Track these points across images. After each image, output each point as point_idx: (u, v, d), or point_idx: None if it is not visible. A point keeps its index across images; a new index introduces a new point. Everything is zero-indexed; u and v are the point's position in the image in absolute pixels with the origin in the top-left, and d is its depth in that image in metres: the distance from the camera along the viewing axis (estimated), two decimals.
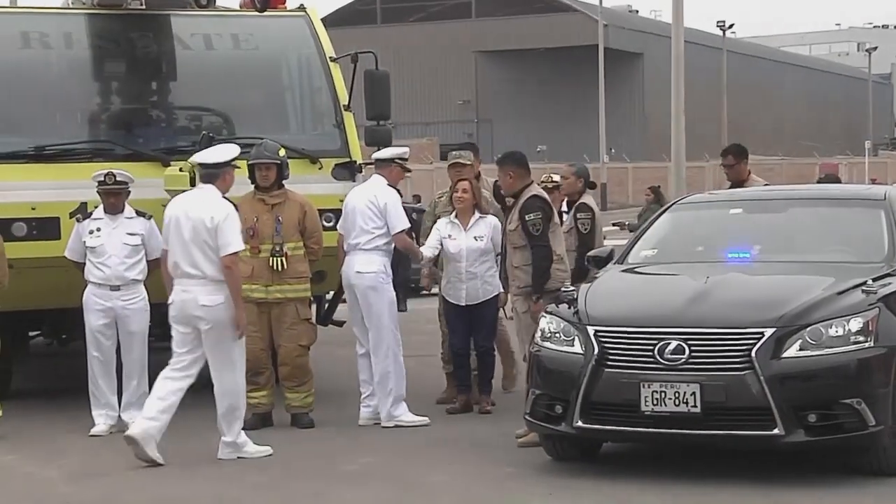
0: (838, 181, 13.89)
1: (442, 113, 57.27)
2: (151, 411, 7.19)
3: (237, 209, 7.50)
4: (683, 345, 6.47)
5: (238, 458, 7.29)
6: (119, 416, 8.23)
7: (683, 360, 6.46)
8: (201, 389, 7.41)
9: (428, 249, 8.55)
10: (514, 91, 57.86)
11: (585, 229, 8.96)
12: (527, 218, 7.82)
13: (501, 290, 8.48)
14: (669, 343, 6.49)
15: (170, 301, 7.34)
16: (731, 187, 9.32)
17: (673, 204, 8.46)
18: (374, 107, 9.44)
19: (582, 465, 6.99)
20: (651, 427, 6.53)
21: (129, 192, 8.31)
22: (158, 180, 8.53)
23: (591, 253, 8.07)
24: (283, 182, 8.33)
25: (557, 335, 6.91)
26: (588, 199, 9.16)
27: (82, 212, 8.54)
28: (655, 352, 6.50)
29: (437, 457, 7.33)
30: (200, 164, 7.50)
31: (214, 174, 7.39)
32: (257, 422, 8.23)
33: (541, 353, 6.96)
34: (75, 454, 7.67)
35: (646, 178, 39.27)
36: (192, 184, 8.50)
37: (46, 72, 9.41)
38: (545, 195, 8.16)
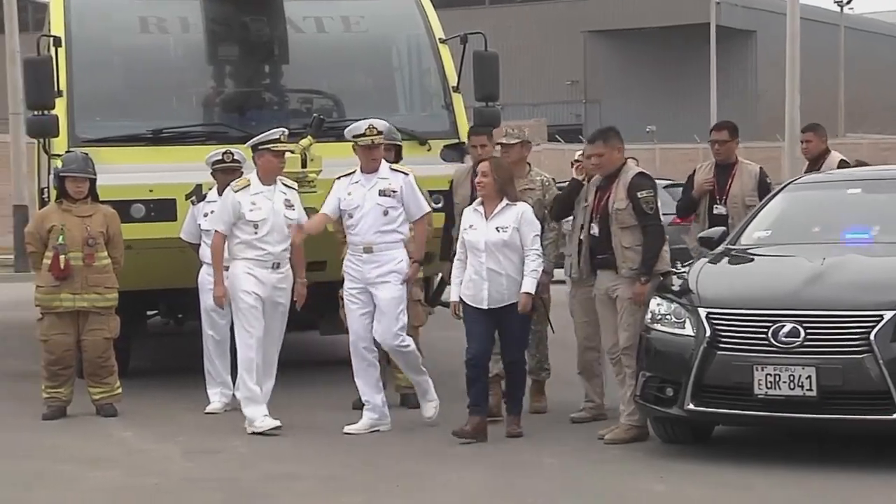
0: None
1: (549, 94, 56.92)
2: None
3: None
4: (799, 327, 6.36)
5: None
6: (234, 394, 8.38)
7: (798, 342, 6.35)
8: (315, 367, 7.50)
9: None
10: (623, 71, 57.25)
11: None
12: (639, 195, 7.27)
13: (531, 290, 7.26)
14: (784, 325, 6.39)
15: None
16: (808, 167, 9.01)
17: (788, 184, 8.30)
18: (483, 88, 9.44)
19: (693, 449, 6.92)
20: (764, 411, 6.44)
21: (242, 172, 8.45)
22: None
23: (702, 234, 7.96)
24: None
25: (668, 317, 6.84)
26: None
27: (197, 194, 8.70)
28: (769, 334, 6.41)
29: (544, 439, 7.31)
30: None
31: None
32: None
33: (651, 335, 6.91)
34: (191, 431, 7.84)
35: (758, 159, 38.44)
36: (304, 165, 8.62)
37: (163, 56, 9.62)
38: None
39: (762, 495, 6.10)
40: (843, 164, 9.71)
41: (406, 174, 7.68)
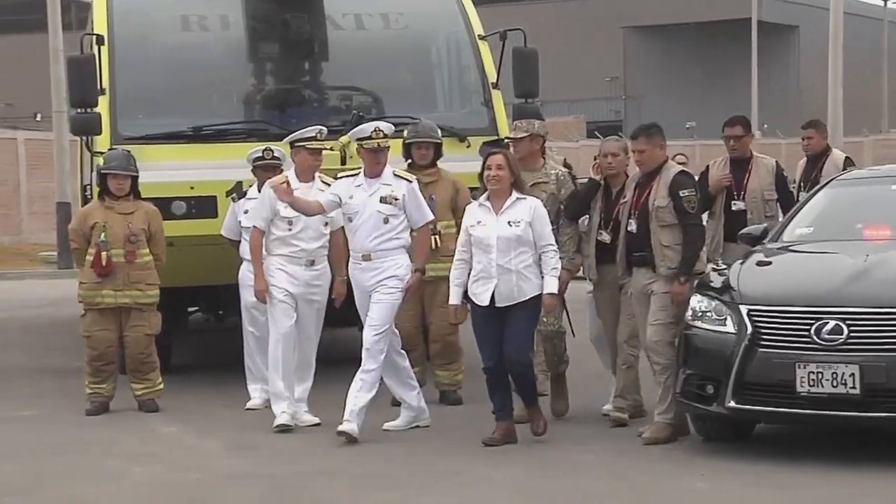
0: None
1: (589, 90, 56.71)
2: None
3: None
4: (842, 325, 6.31)
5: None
6: None
7: (842, 340, 6.30)
8: (354, 364, 7.52)
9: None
10: (663, 67, 56.95)
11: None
12: (681, 194, 7.13)
13: (542, 290, 6.99)
14: (827, 323, 6.34)
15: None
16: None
17: (831, 180, 8.22)
18: (523, 84, 9.41)
19: (733, 447, 6.88)
20: (807, 409, 6.39)
21: (282, 169, 8.48)
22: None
23: (743, 231, 7.91)
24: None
25: (709, 314, 6.80)
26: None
27: (238, 191, 8.74)
28: (812, 332, 6.36)
29: (582, 436, 7.29)
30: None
31: None
32: None
33: (692, 333, 6.87)
34: (232, 427, 7.88)
35: (800, 155, 38.17)
36: (343, 162, 8.64)
37: (204, 54, 9.67)
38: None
39: (804, 494, 6.05)
40: (848, 162, 9.56)
41: (409, 181, 7.51)
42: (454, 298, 7.14)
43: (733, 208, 8.53)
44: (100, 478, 6.72)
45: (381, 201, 7.40)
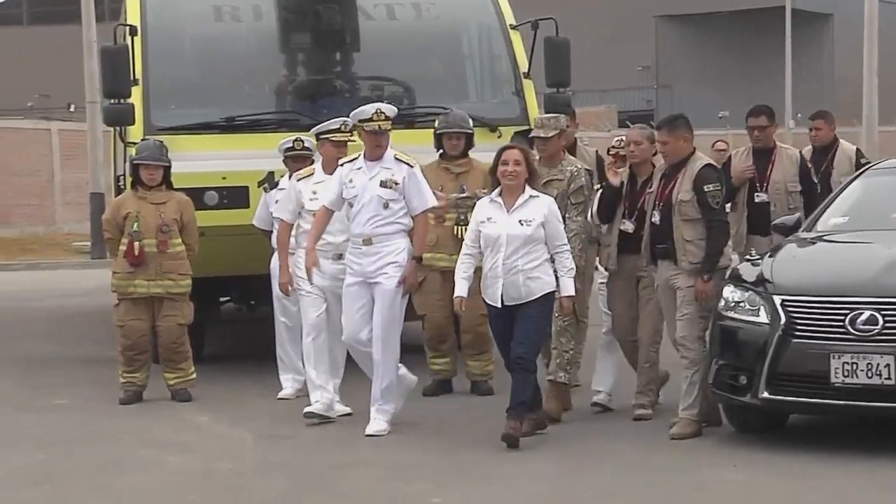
0: None
1: (620, 80, 56.49)
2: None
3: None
4: (877, 315, 6.26)
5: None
6: (305, 380, 8.43)
7: (877, 330, 6.25)
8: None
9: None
10: (696, 56, 56.64)
11: None
12: (706, 189, 6.96)
13: (555, 287, 6.84)
14: (862, 313, 6.29)
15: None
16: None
17: (866, 169, 8.15)
18: (554, 74, 9.39)
19: (768, 437, 6.84)
20: (841, 399, 6.35)
21: (314, 160, 8.50)
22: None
23: (777, 220, 7.84)
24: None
25: (742, 304, 6.76)
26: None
27: (269, 181, 8.77)
28: (847, 322, 6.31)
29: (610, 429, 7.27)
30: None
31: None
32: (437, 388, 8.35)
33: (724, 323, 6.83)
34: (264, 416, 7.91)
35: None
36: None
37: (236, 45, 9.70)
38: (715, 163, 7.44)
39: (837, 486, 6.01)
40: (859, 154, 9.37)
41: (411, 165, 7.30)
42: (459, 290, 6.97)
43: (756, 200, 8.39)
44: (133, 467, 6.76)
45: (381, 185, 7.22)
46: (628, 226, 7.42)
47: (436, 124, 8.44)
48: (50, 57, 46.36)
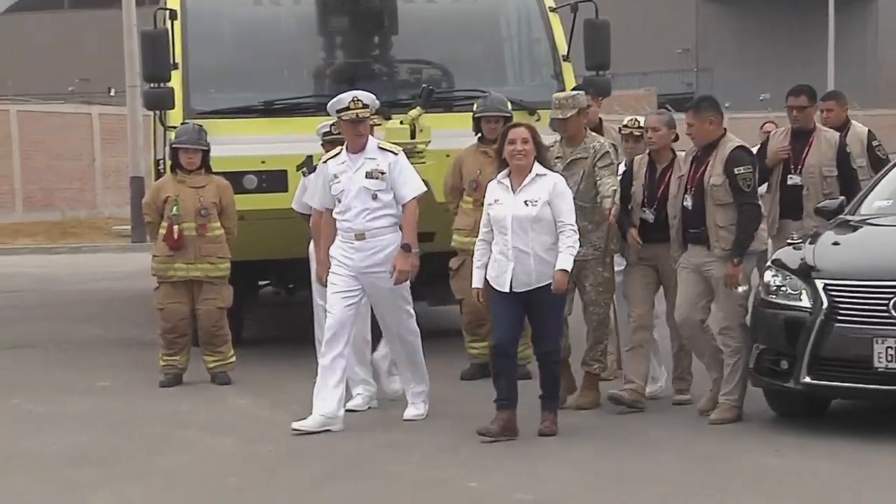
0: None
1: (660, 62, 56.10)
2: None
3: (460, 161, 7.54)
4: None
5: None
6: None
7: None
8: (424, 337, 7.51)
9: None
10: (737, 38, 56.16)
11: None
12: (736, 172, 6.79)
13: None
14: None
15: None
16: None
17: None
18: (594, 56, 9.31)
19: (810, 422, 6.78)
20: (884, 384, 6.29)
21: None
22: (379, 133, 8.67)
23: (819, 204, 7.76)
24: None
25: (783, 289, 6.70)
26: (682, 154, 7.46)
27: (308, 165, 8.75)
28: (890, 306, 6.26)
29: (648, 414, 7.22)
30: None
31: None
32: (475, 372, 8.34)
33: (766, 308, 6.77)
34: (303, 400, 7.89)
35: (877, 126, 37.53)
36: (413, 136, 8.62)
37: (275, 28, 9.71)
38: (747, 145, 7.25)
39: (881, 471, 5.96)
40: (871, 136, 9.03)
41: (395, 153, 7.07)
42: (476, 281, 6.76)
43: (789, 182, 8.16)
44: (173, 449, 6.81)
45: (366, 176, 7.00)
46: (648, 215, 7.23)
47: (474, 108, 8.41)
48: (90, 41, 46.64)
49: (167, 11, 9.12)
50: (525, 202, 6.58)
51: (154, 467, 6.44)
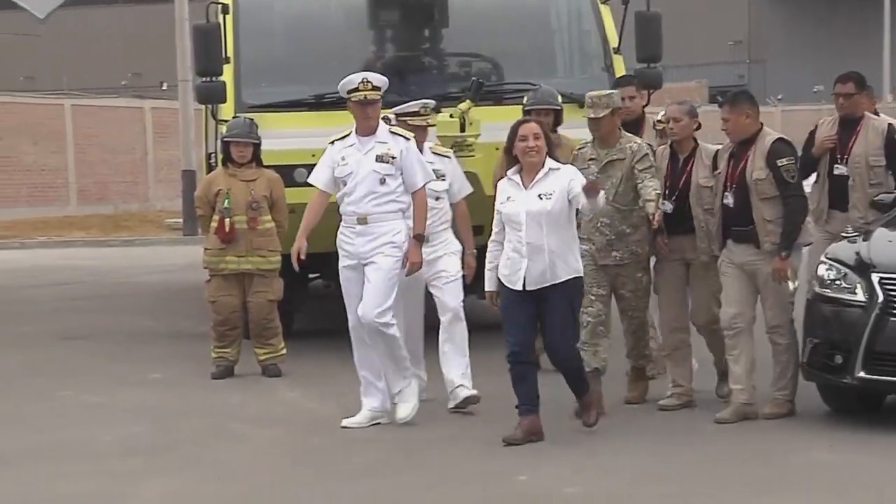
0: None
1: (712, 54, 55.68)
2: None
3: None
4: None
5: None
6: None
7: None
8: (472, 329, 7.50)
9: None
10: (789, 30, 55.62)
11: None
12: (779, 164, 6.64)
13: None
14: None
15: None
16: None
17: None
18: (645, 48, 9.24)
19: (865, 417, 6.70)
20: None
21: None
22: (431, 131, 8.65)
23: (875, 197, 7.63)
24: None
25: (838, 282, 6.63)
26: (705, 145, 7.29)
27: None
28: None
29: (701, 409, 7.15)
30: None
31: None
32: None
33: (819, 301, 6.70)
34: (353, 393, 7.92)
35: None
36: (462, 129, 8.61)
37: (325, 22, 9.73)
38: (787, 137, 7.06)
39: None
40: (892, 129, 8.68)
41: (407, 139, 6.92)
42: (489, 284, 6.57)
43: (835, 172, 7.92)
44: (225, 440, 6.86)
45: (376, 160, 6.84)
46: (668, 206, 7.04)
47: (524, 101, 8.38)
48: (143, 36, 47.09)
49: (219, 6, 9.16)
50: (539, 196, 6.37)
51: (204, 459, 6.49)
